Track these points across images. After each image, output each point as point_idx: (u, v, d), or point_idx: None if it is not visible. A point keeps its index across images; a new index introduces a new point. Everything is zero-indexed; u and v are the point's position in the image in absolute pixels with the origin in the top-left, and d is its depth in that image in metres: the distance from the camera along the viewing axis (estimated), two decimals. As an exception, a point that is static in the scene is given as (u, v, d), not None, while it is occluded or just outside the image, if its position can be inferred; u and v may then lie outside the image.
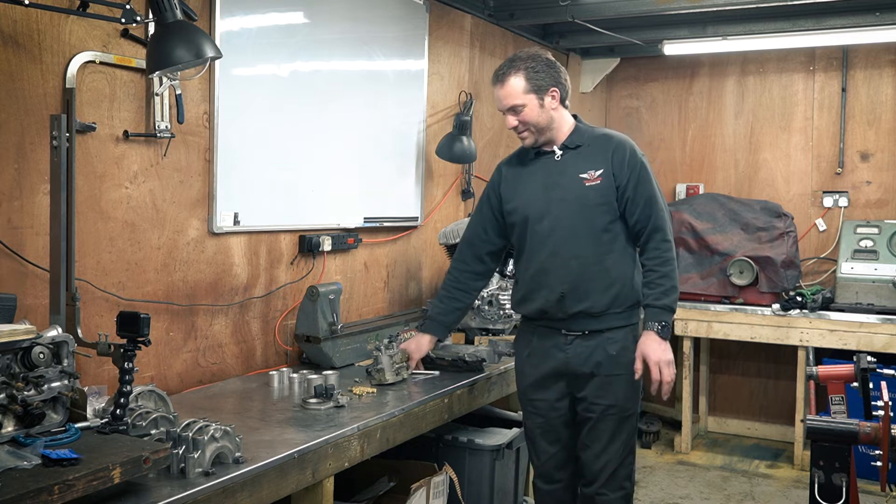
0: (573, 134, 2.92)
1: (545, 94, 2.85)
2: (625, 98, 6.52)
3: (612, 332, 2.87)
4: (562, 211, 2.86)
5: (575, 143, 2.90)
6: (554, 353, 2.91)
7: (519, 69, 2.84)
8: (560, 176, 2.89)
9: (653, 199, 2.85)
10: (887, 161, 5.62)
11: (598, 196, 2.83)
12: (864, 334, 4.92)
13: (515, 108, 2.85)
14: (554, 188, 2.88)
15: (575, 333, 2.87)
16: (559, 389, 2.93)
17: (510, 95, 2.85)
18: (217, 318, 3.20)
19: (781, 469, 5.28)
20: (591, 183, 2.84)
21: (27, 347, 1.98)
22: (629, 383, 2.88)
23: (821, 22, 4.94)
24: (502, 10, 4.86)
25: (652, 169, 2.93)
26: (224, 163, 3.14)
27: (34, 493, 1.68)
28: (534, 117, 2.85)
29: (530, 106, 2.84)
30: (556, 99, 2.87)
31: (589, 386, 2.88)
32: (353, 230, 3.87)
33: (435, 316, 3.16)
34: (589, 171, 2.85)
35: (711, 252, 5.49)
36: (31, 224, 2.54)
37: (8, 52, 2.46)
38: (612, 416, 2.87)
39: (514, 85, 2.84)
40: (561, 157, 2.90)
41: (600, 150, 2.87)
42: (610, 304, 2.84)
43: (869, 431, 2.54)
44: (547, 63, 2.87)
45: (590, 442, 2.90)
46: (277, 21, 3.39)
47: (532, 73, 2.83)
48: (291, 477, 2.32)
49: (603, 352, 2.85)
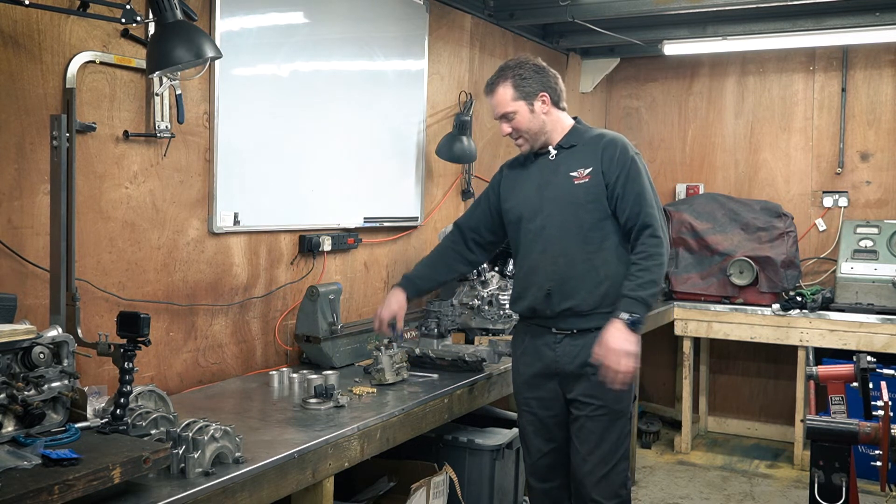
0: (569, 134, 2.94)
1: (534, 100, 2.88)
2: (625, 98, 6.52)
3: (601, 331, 2.82)
4: (552, 209, 2.88)
5: (569, 143, 2.93)
6: (544, 351, 2.92)
7: (507, 77, 2.89)
8: (553, 175, 2.91)
9: (642, 195, 2.82)
10: (887, 161, 5.62)
11: (586, 194, 2.84)
12: (864, 334, 4.93)
13: (507, 115, 2.90)
14: (546, 187, 2.91)
15: (564, 332, 2.88)
16: (551, 388, 2.93)
17: (500, 104, 2.90)
18: (217, 318, 3.20)
19: (781, 469, 5.28)
20: (580, 181, 2.85)
21: (27, 347, 1.98)
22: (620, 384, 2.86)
23: (821, 22, 4.94)
24: (502, 10, 4.86)
25: (646, 166, 2.91)
26: (224, 163, 3.14)
27: (34, 493, 1.67)
28: (525, 123, 2.89)
29: (521, 112, 2.88)
30: (546, 103, 2.90)
31: (578, 385, 2.87)
32: (353, 230, 3.87)
33: (412, 277, 3.18)
34: (578, 169, 2.87)
35: (711, 252, 5.49)
36: (31, 224, 2.54)
37: (8, 52, 2.46)
38: (600, 416, 2.85)
39: (503, 94, 2.89)
40: (555, 156, 2.93)
41: (591, 149, 2.89)
42: (598, 303, 2.84)
43: (869, 431, 2.54)
44: (535, 69, 2.91)
45: (579, 443, 2.88)
46: (277, 21, 3.39)
47: (519, 80, 2.88)
48: (291, 477, 2.32)
49: (590, 351, 2.82)
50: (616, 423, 2.87)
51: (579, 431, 2.88)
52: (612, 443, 2.86)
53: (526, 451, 3.06)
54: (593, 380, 2.82)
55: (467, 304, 3.82)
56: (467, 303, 3.82)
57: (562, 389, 2.92)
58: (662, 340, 5.92)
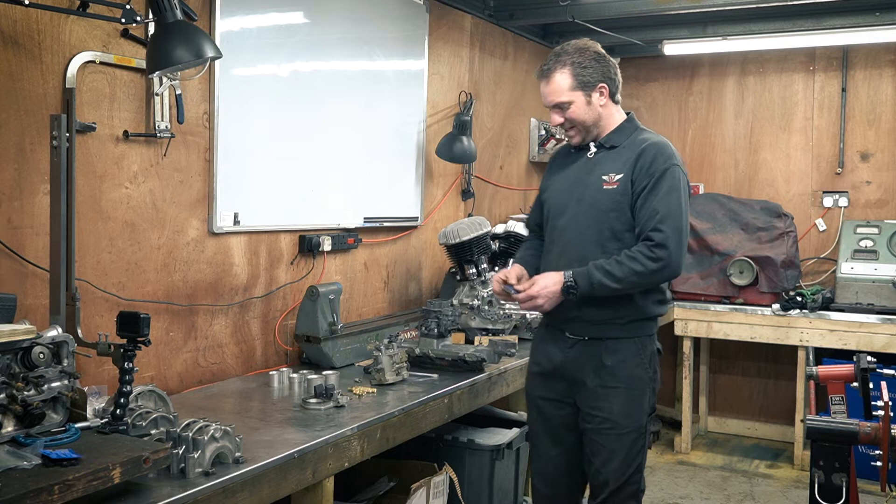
0: (615, 132, 2.77)
1: (593, 91, 2.70)
2: (625, 98, 6.37)
3: (613, 341, 2.72)
4: (577, 211, 2.74)
5: (611, 143, 2.76)
6: (555, 353, 2.82)
7: (565, 64, 2.69)
8: (587, 175, 2.75)
9: (658, 212, 2.59)
10: (887, 161, 5.62)
11: (610, 202, 2.67)
12: (864, 334, 4.93)
13: (561, 105, 2.70)
14: (577, 186, 2.76)
15: (577, 338, 2.77)
16: (561, 391, 2.82)
17: (555, 92, 2.70)
18: (217, 318, 3.20)
19: (781, 469, 5.28)
20: (609, 186, 2.68)
21: (27, 347, 1.98)
22: (629, 398, 2.71)
23: (821, 22, 4.95)
24: (502, 10, 4.86)
25: (682, 180, 2.68)
26: (224, 163, 3.14)
27: (34, 493, 1.67)
28: (580, 115, 2.71)
29: (577, 103, 2.70)
30: (604, 95, 2.73)
31: (583, 394, 2.76)
32: (353, 230, 3.86)
33: (519, 260, 2.98)
34: (610, 173, 2.69)
35: (711, 252, 5.49)
36: (31, 224, 2.54)
37: (8, 52, 2.46)
38: (607, 431, 2.70)
39: (560, 81, 2.69)
40: (594, 154, 2.77)
41: (630, 153, 2.70)
42: (611, 315, 2.70)
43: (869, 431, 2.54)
44: (595, 57, 2.72)
45: (590, 454, 2.78)
46: (277, 21, 3.39)
47: (579, 69, 2.68)
48: (291, 477, 2.32)
49: (598, 360, 2.72)
50: (624, 437, 2.70)
51: (590, 444, 2.77)
52: (621, 459, 2.70)
53: (534, 451, 2.96)
54: (600, 392, 2.71)
55: (467, 304, 3.82)
56: (467, 303, 3.82)
57: (571, 393, 2.81)
58: (662, 340, 5.90)
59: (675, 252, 2.61)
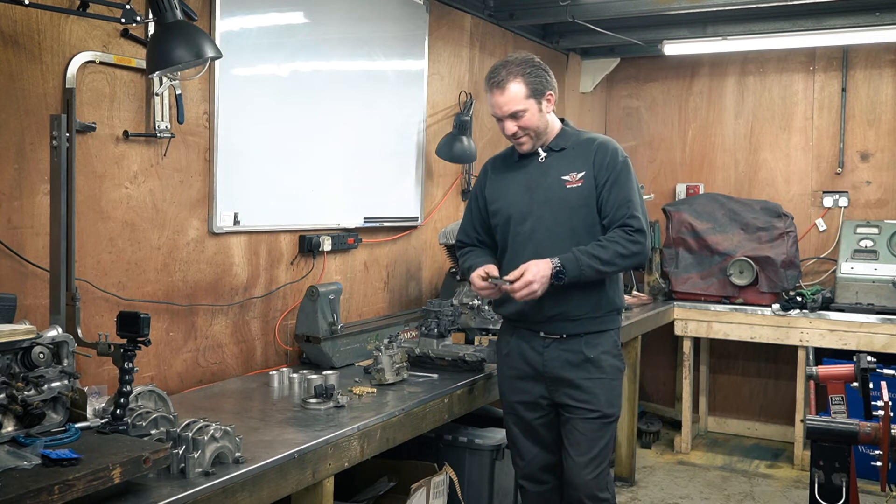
0: (558, 137, 2.91)
1: (542, 98, 2.84)
2: (625, 98, 6.51)
3: (591, 336, 2.85)
4: (544, 213, 2.85)
5: (559, 146, 2.89)
6: (531, 355, 2.90)
7: (517, 74, 2.80)
8: (543, 178, 2.88)
9: (630, 199, 2.79)
10: (887, 161, 5.62)
11: (579, 198, 2.82)
12: (864, 334, 4.93)
13: (516, 114, 2.81)
14: (537, 190, 2.88)
15: (552, 337, 2.86)
16: (537, 391, 2.91)
17: (511, 101, 2.80)
18: (217, 318, 3.20)
19: (781, 469, 5.28)
20: (573, 185, 2.83)
21: (27, 347, 1.98)
22: (611, 388, 2.87)
23: (821, 22, 4.95)
24: (502, 10, 4.86)
25: (635, 173, 2.89)
26: (224, 163, 3.14)
27: (34, 493, 1.67)
28: (534, 122, 2.83)
29: (531, 111, 2.82)
30: (551, 102, 2.87)
31: (567, 390, 2.85)
32: (353, 230, 3.86)
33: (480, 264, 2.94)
34: (571, 173, 2.84)
35: (711, 252, 5.49)
36: (31, 224, 2.54)
37: (8, 52, 2.46)
38: (592, 420, 2.83)
39: (515, 91, 2.80)
40: (545, 159, 2.90)
41: (583, 153, 2.86)
42: (589, 308, 2.83)
43: (869, 431, 2.54)
44: (541, 66, 2.87)
45: (570, 446, 2.87)
46: (277, 21, 3.39)
47: (531, 78, 2.81)
48: (291, 477, 2.32)
49: (581, 355, 2.84)
50: (607, 427, 2.86)
51: (570, 434, 2.86)
52: (602, 446, 2.85)
53: (517, 454, 3.04)
54: (585, 384, 2.83)
55: (467, 304, 3.82)
56: (467, 303, 3.82)
57: (549, 393, 2.90)
58: (662, 340, 5.93)
59: (647, 239, 2.81)
